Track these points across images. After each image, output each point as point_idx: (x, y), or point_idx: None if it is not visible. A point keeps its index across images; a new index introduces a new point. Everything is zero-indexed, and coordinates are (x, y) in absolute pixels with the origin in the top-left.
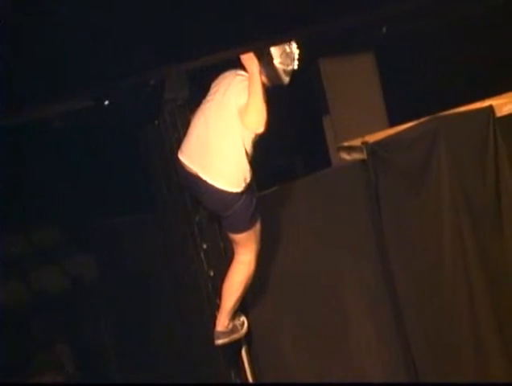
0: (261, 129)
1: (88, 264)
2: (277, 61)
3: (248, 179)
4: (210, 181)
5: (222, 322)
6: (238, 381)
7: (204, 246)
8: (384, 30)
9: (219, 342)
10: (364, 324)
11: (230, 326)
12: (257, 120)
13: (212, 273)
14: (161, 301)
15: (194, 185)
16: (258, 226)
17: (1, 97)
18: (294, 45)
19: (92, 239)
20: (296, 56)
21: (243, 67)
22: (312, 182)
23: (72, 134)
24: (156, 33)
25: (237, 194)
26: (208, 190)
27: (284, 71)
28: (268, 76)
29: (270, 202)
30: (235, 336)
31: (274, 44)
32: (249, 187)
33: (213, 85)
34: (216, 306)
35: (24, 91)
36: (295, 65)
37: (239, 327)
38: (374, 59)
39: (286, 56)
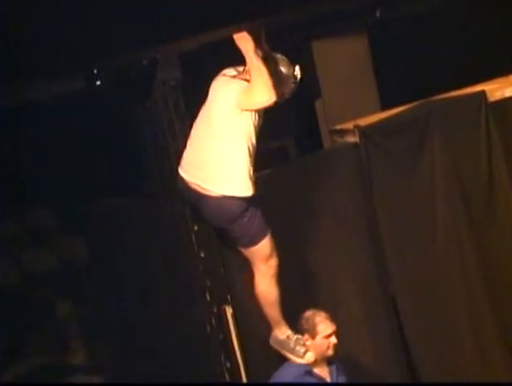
0: (273, 98)
1: (81, 245)
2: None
3: (253, 179)
4: (215, 190)
5: (281, 330)
6: (228, 364)
7: (195, 228)
8: (378, 13)
9: (271, 343)
10: (356, 308)
11: (293, 340)
12: (265, 91)
13: (202, 255)
14: (152, 284)
15: (196, 201)
16: (267, 239)
17: None
18: (297, 68)
19: (85, 220)
20: (297, 80)
21: (237, 48)
22: (304, 165)
23: (64, 115)
24: (148, 13)
25: (242, 203)
26: (211, 203)
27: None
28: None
29: (262, 185)
30: (286, 353)
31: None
32: (252, 198)
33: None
34: (206, 288)
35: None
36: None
37: (299, 354)
38: (367, 43)
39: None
